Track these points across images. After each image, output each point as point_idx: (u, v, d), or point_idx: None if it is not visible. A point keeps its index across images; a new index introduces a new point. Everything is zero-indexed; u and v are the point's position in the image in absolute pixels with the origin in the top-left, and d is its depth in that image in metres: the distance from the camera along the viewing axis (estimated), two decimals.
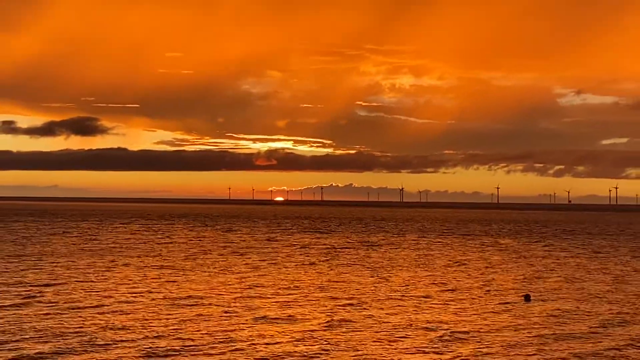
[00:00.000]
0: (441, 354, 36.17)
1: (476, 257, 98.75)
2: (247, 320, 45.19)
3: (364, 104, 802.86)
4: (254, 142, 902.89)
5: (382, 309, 50.46)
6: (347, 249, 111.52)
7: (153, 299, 53.52)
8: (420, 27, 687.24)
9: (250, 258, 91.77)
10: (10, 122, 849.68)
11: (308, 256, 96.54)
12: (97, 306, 49.68)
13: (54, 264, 78.40)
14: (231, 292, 58.28)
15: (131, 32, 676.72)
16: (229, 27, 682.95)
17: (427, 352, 36.40)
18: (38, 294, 54.84)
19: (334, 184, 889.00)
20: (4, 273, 68.92)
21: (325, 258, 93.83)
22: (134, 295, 55.74)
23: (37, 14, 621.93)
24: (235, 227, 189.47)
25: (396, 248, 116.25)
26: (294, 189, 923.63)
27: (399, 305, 52.25)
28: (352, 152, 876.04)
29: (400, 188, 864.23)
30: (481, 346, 38.08)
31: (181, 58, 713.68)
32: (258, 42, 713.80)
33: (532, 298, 57.32)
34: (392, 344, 38.39)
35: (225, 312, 48.41)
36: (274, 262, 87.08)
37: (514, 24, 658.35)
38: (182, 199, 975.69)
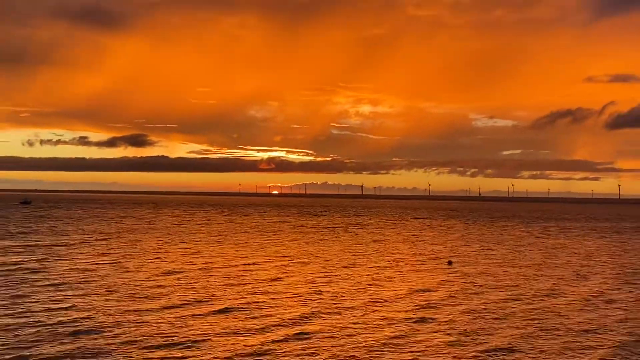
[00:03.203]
0: (385, 291, 37.99)
1: (416, 234, 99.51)
2: (265, 281, 46.12)
3: (336, 125, 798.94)
4: (258, 152, 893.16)
5: (356, 270, 51.63)
6: (328, 228, 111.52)
7: (194, 264, 53.87)
8: (377, 71, 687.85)
9: (263, 236, 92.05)
10: (85, 137, 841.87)
11: (302, 233, 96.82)
12: (155, 271, 49.98)
13: (124, 239, 78.23)
14: (253, 261, 58.47)
15: (172, 72, 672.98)
16: (242, 69, 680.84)
17: (370, 293, 38.20)
18: (116, 262, 55.10)
19: (314, 182, 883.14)
20: (87, 245, 68.62)
21: (315, 235, 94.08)
22: (182, 263, 55.77)
23: (103, 58, 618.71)
24: (248, 213, 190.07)
25: (361, 228, 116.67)
26: (286, 185, 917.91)
27: (368, 269, 53.41)
28: (328, 159, 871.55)
29: (361, 185, 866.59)
30: (411, 288, 39.67)
31: (208, 92, 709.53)
32: (262, 80, 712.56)
33: (453, 262, 57.73)
34: (363, 295, 40.09)
35: (252, 277, 48.68)
36: (282, 237, 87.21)
37: (443, 69, 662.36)
38: (206, 192, 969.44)
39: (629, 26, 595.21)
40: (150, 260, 55.51)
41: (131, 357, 24.06)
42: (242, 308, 33.86)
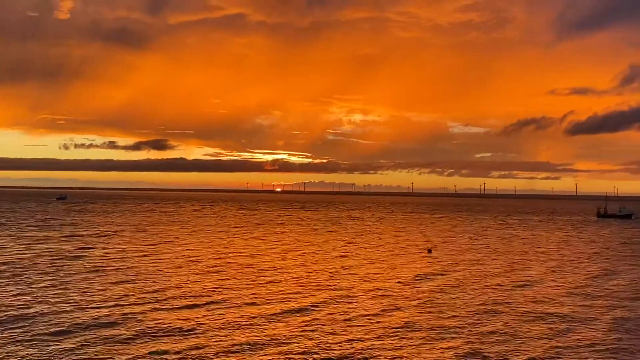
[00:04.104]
0: (384, 280, 37.26)
1: (401, 226, 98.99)
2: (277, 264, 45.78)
3: (331, 131, 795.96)
4: (264, 155, 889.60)
5: (354, 259, 50.97)
6: (326, 221, 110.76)
7: (213, 252, 53.02)
8: (367, 85, 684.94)
9: (271, 228, 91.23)
10: (114, 142, 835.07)
11: (304, 226, 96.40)
12: (178, 258, 49.40)
13: (150, 230, 77.37)
14: (263, 251, 57.82)
15: (189, 85, 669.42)
16: (250, 83, 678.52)
17: (377, 281, 37.53)
18: (143, 250, 54.32)
19: (312, 181, 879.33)
20: (118, 236, 67.63)
21: (315, 227, 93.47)
22: (201, 252, 54.86)
23: (129, 73, 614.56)
24: (257, 208, 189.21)
25: (354, 221, 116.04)
26: (287, 184, 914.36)
27: (364, 258, 52.66)
28: (324, 161, 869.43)
29: (353, 183, 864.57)
30: (406, 276, 39.03)
31: (220, 103, 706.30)
32: (267, 92, 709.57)
33: (432, 250, 57.27)
34: (358, 281, 39.35)
35: (261, 263, 48.19)
36: (287, 229, 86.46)
37: (425, 83, 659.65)
38: (219, 190, 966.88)
39: (587, 47, 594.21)
40: (172, 249, 54.57)
41: (160, 338, 23.25)
42: (255, 295, 33.04)
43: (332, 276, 39.88)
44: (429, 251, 56.76)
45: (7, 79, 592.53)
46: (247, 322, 25.96)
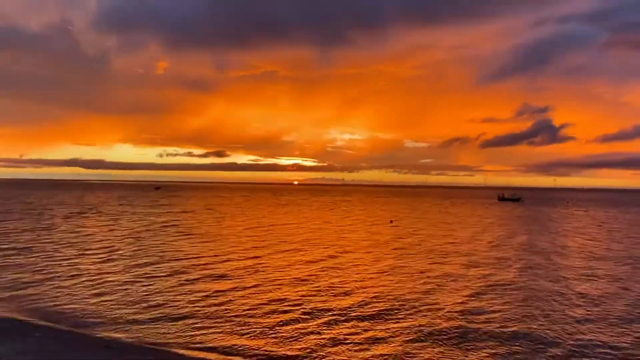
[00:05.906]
0: (363, 240, 36.66)
1: (374, 207, 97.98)
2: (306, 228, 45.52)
3: (330, 145, 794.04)
4: (287, 160, 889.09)
5: (344, 230, 50.57)
6: (328, 203, 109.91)
7: (261, 224, 51.90)
8: (353, 116, 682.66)
9: (292, 207, 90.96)
10: (191, 152, 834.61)
11: (314, 206, 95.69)
12: (227, 235, 48.76)
13: (218, 210, 76.35)
14: (290, 223, 56.75)
15: (240, 116, 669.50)
16: (278, 115, 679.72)
17: (358, 241, 37.15)
18: (215, 221, 53.62)
19: (317, 177, 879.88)
20: (199, 213, 66.35)
21: (322, 206, 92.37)
22: (252, 224, 53.99)
23: (201, 108, 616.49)
24: (283, 194, 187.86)
25: (347, 202, 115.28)
26: (302, 179, 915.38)
27: (353, 227, 52.19)
28: (325, 164, 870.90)
29: (343, 178, 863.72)
30: (374, 241, 38.41)
31: (259, 127, 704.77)
32: (289, 121, 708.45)
33: (393, 221, 55.91)
34: (347, 240, 39.03)
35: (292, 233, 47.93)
36: (303, 208, 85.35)
37: (390, 114, 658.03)
38: (258, 183, 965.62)
39: (495, 91, 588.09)
40: (233, 221, 54.07)
41: (238, 280, 23.26)
42: (290, 250, 32.88)
43: (334, 239, 39.16)
44: (391, 222, 55.37)
45: (125, 112, 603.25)
46: (283, 271, 25.65)
